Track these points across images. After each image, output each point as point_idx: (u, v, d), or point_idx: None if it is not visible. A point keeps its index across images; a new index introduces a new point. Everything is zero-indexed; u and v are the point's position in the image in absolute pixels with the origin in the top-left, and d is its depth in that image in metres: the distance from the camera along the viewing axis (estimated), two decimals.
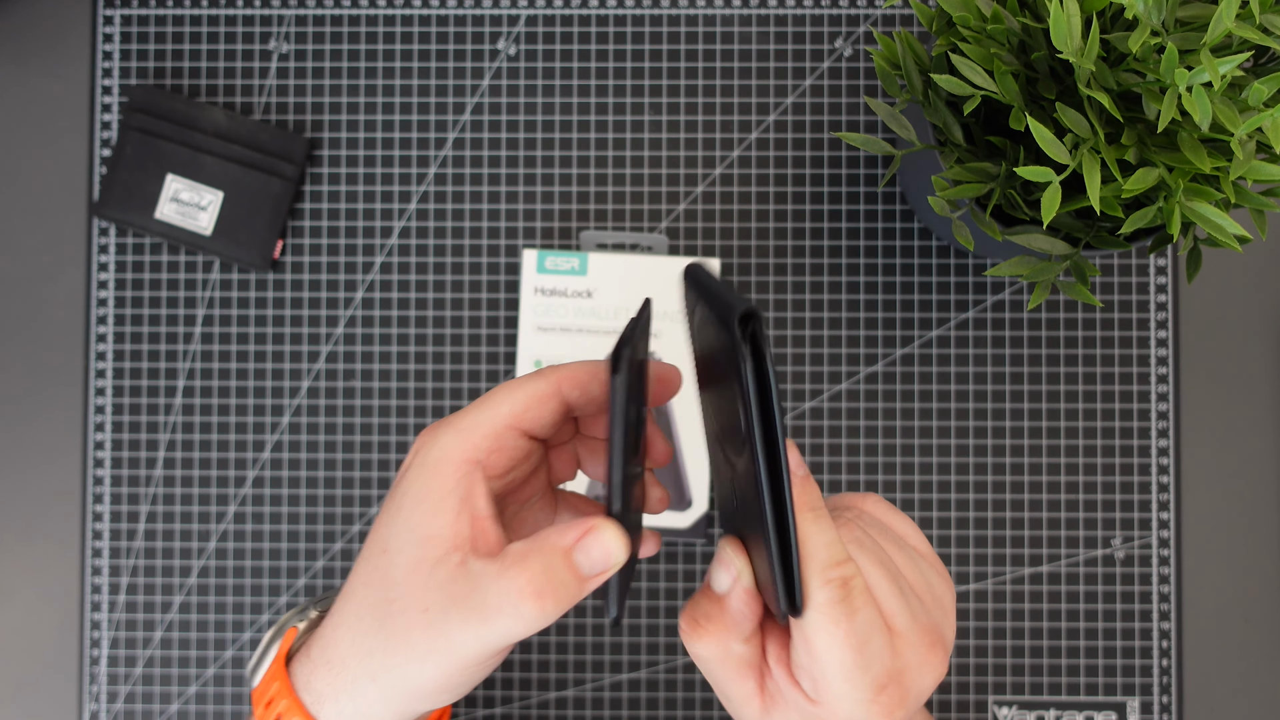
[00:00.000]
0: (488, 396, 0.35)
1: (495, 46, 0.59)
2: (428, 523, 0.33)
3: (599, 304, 0.56)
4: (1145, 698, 0.57)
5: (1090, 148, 0.40)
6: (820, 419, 0.58)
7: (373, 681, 0.34)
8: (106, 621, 0.57)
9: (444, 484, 0.34)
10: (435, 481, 0.34)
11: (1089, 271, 0.45)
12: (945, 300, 0.58)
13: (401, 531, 0.34)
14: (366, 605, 0.34)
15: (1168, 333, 0.58)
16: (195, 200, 0.57)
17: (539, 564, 0.32)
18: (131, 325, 0.58)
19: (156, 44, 0.59)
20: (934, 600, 0.35)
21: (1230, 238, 0.40)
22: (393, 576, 0.34)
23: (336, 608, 0.36)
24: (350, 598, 0.35)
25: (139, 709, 0.57)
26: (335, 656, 0.35)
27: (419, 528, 0.33)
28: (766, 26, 0.59)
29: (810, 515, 0.33)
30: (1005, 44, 0.41)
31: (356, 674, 0.34)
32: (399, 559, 0.34)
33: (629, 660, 0.57)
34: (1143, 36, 0.37)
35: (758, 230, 0.58)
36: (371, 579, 0.34)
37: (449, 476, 0.34)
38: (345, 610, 0.35)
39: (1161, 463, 0.58)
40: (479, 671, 0.35)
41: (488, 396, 0.35)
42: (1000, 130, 0.47)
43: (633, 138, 0.59)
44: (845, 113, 0.59)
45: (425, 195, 0.59)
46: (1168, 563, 0.58)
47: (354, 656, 0.34)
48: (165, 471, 0.58)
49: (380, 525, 0.35)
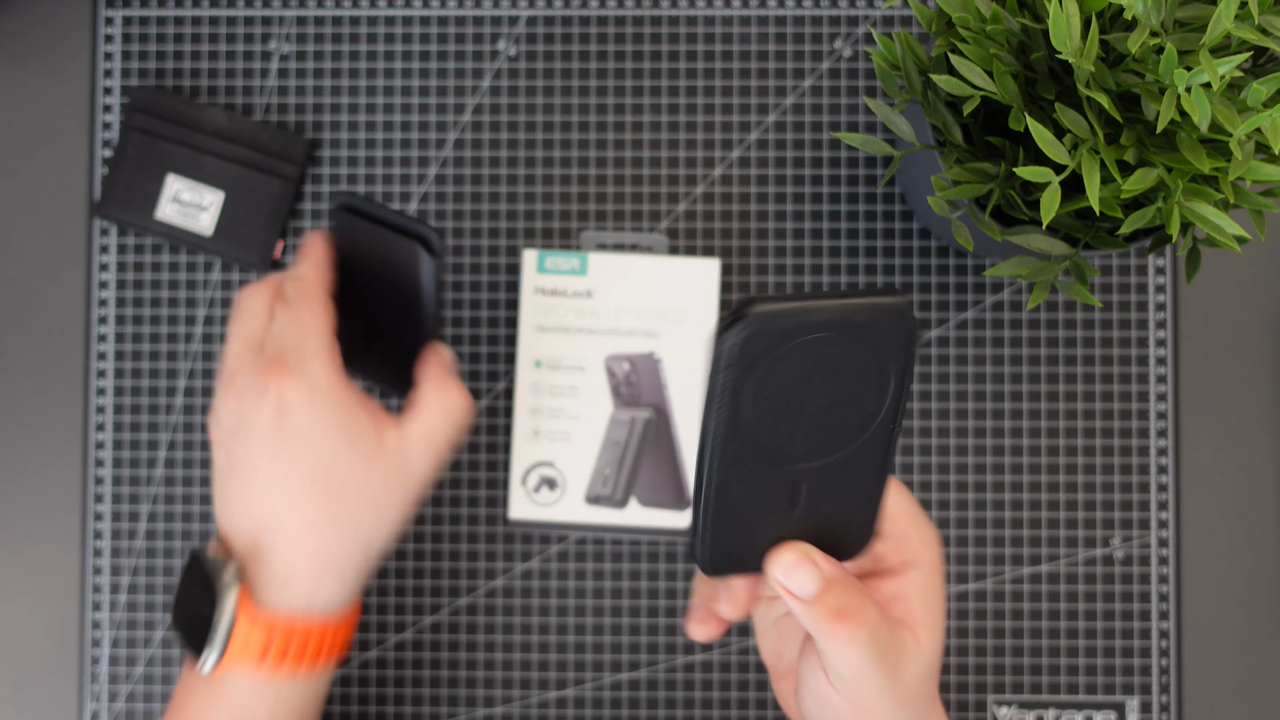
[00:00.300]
0: (302, 335, 0.42)
1: (495, 47, 0.59)
2: (358, 426, 0.42)
3: (599, 304, 0.56)
4: (1144, 697, 0.57)
5: (1089, 148, 0.40)
6: None
7: (335, 568, 0.42)
8: (107, 621, 0.57)
9: (342, 395, 0.42)
10: (331, 398, 0.42)
11: (1088, 272, 0.45)
12: (945, 300, 0.58)
13: (329, 441, 0.41)
14: (315, 514, 0.41)
15: (1167, 333, 0.58)
16: (196, 200, 0.57)
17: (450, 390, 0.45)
18: (132, 325, 0.58)
19: (157, 44, 0.59)
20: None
21: (1229, 238, 0.40)
22: (337, 475, 0.41)
23: (271, 544, 0.41)
24: (285, 524, 0.41)
25: (140, 709, 0.57)
26: (288, 575, 0.41)
27: (349, 430, 0.42)
28: (766, 27, 0.59)
29: (848, 626, 0.36)
30: (1004, 44, 0.41)
31: (315, 573, 0.41)
32: (342, 459, 0.41)
33: (629, 660, 0.57)
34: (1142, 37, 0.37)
35: (758, 230, 0.58)
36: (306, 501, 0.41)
37: (338, 384, 0.42)
38: (289, 538, 0.41)
39: (1161, 462, 0.58)
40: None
41: (302, 335, 0.42)
42: (999, 131, 0.47)
43: (633, 138, 0.59)
44: (845, 113, 0.59)
45: (425, 195, 0.59)
46: (1167, 562, 0.58)
47: (310, 563, 0.41)
48: (166, 471, 0.58)
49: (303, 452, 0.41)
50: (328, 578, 0.41)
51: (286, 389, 0.41)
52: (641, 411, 0.56)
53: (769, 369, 0.32)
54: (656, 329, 0.56)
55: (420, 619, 0.57)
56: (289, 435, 0.40)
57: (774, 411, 0.33)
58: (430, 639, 0.57)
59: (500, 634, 0.57)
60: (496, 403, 0.58)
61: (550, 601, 0.57)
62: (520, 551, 0.58)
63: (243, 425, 0.42)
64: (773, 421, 0.33)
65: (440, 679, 0.57)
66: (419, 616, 0.57)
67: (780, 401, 0.33)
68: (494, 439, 0.58)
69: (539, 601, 0.58)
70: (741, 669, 0.57)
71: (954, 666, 0.57)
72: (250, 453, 0.41)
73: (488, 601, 0.58)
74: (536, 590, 0.58)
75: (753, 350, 0.32)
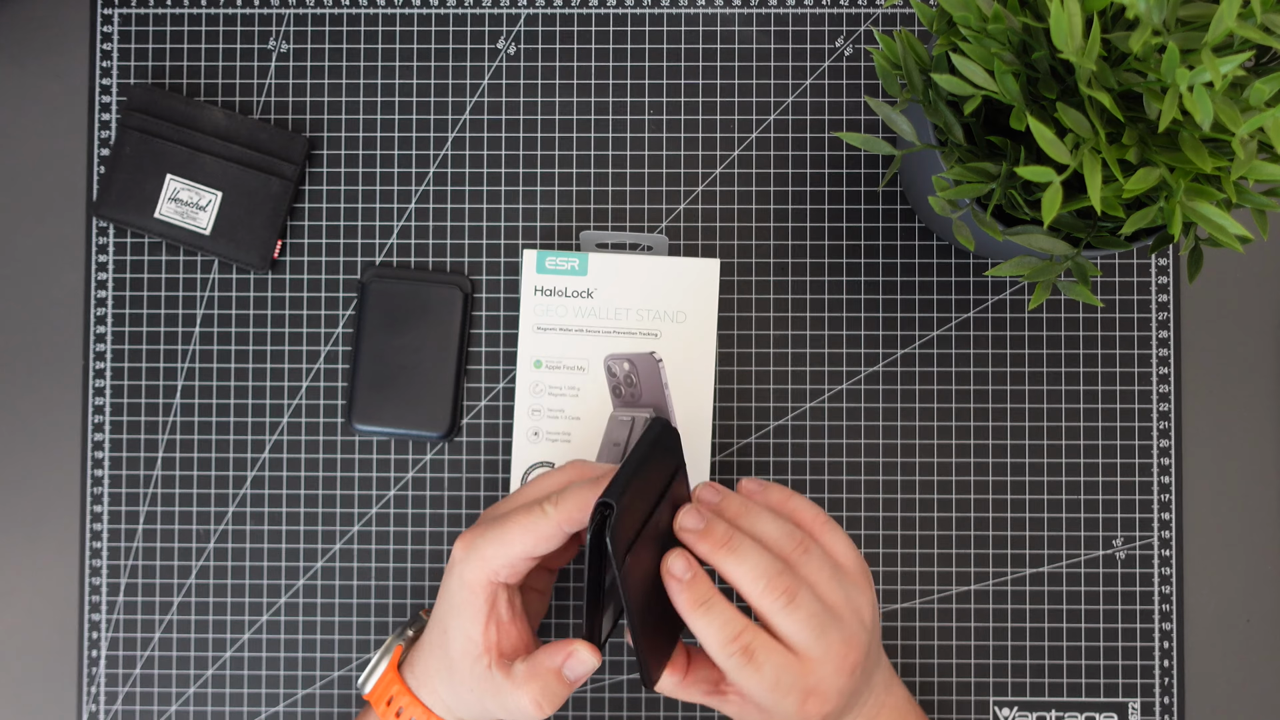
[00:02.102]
0: (505, 527, 0.46)
1: (495, 46, 0.59)
2: (467, 629, 0.47)
3: (599, 304, 0.56)
4: (1146, 698, 0.57)
5: (1091, 148, 0.40)
6: (820, 419, 0.58)
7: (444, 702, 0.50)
8: (105, 622, 0.57)
9: (474, 601, 0.47)
10: (468, 598, 0.47)
11: (1090, 272, 0.45)
12: (945, 300, 0.58)
13: (452, 628, 0.48)
14: (436, 664, 0.49)
15: (1169, 333, 0.58)
16: (194, 200, 0.57)
17: (538, 685, 0.46)
18: (130, 325, 0.58)
19: (156, 43, 0.59)
20: (851, 612, 0.46)
21: (1232, 238, 0.40)
22: (450, 657, 0.48)
23: (423, 654, 0.50)
24: (430, 653, 0.49)
25: (138, 710, 0.57)
26: (423, 676, 0.50)
27: (461, 631, 0.47)
28: (767, 26, 0.59)
29: (700, 611, 0.44)
30: (1006, 44, 0.41)
31: (437, 690, 0.49)
32: (453, 649, 0.48)
33: (629, 661, 0.57)
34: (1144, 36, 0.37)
35: (758, 230, 0.58)
36: (435, 652, 0.49)
37: (478, 596, 0.47)
38: (428, 659, 0.49)
39: (1163, 463, 0.58)
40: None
41: (505, 527, 0.46)
42: (1001, 130, 0.47)
43: (633, 137, 0.59)
44: (845, 112, 0.59)
45: (425, 195, 0.58)
46: (1169, 563, 0.57)
47: (435, 682, 0.49)
48: (164, 472, 0.58)
49: (439, 615, 0.49)
50: (421, 691, 0.50)
51: (453, 559, 0.48)
52: (641, 411, 0.56)
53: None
54: (656, 329, 0.56)
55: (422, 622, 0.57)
56: (441, 594, 0.49)
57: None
58: None
59: None
60: (496, 403, 0.58)
61: (550, 603, 0.57)
62: None
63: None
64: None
65: None
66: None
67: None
68: (494, 439, 0.58)
69: None
70: None
71: (955, 668, 0.57)
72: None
73: None
74: None
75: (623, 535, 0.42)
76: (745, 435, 0.58)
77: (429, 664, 0.49)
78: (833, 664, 0.45)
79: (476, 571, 0.47)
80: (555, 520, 0.46)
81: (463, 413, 0.58)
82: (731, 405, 0.58)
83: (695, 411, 0.56)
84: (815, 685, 0.44)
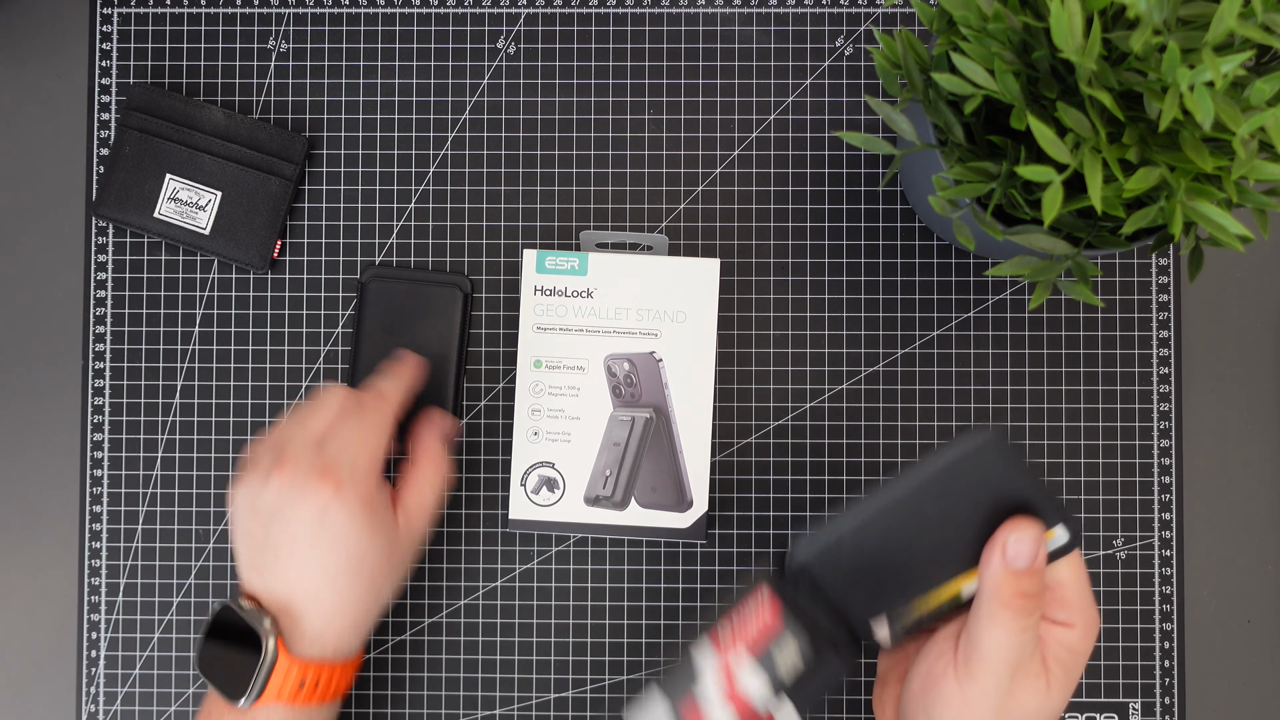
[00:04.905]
0: (359, 451, 0.49)
1: (495, 46, 0.59)
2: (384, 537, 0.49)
3: (599, 304, 0.56)
4: (1146, 699, 0.57)
5: (1091, 147, 0.40)
6: (821, 419, 0.58)
7: (358, 625, 0.50)
8: (105, 622, 0.57)
9: (377, 512, 0.49)
10: (372, 519, 0.49)
11: (1090, 271, 0.44)
12: (945, 300, 0.58)
13: (368, 556, 0.48)
14: (346, 591, 0.48)
15: (1169, 333, 0.58)
16: (194, 200, 0.57)
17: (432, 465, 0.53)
18: (130, 324, 0.58)
19: (155, 43, 0.59)
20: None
21: (1232, 237, 0.40)
22: (369, 568, 0.49)
23: (305, 610, 0.48)
24: (321, 597, 0.48)
25: (137, 710, 0.57)
26: (320, 633, 0.48)
27: (379, 546, 0.49)
28: (767, 26, 0.59)
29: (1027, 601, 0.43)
30: (1006, 43, 0.41)
31: (342, 630, 0.49)
32: (369, 564, 0.49)
33: (629, 661, 0.57)
34: (1144, 35, 0.37)
35: (758, 230, 0.58)
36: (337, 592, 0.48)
37: (377, 505, 0.49)
38: (323, 608, 0.48)
39: (1164, 463, 0.58)
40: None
41: (359, 451, 0.49)
42: (1001, 130, 0.47)
43: (633, 137, 0.59)
44: (846, 112, 0.59)
45: (424, 195, 0.58)
46: (1170, 564, 0.57)
47: (339, 624, 0.49)
48: (164, 472, 0.58)
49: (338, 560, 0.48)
50: (351, 632, 0.49)
51: (331, 497, 0.47)
52: (641, 411, 0.56)
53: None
54: (656, 329, 0.56)
55: (420, 620, 0.57)
56: (327, 533, 0.47)
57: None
58: (430, 640, 0.57)
59: (500, 635, 0.57)
60: (496, 403, 0.58)
61: (550, 602, 0.57)
62: (520, 552, 0.58)
63: (285, 510, 0.48)
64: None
65: (440, 680, 0.57)
66: (419, 618, 0.57)
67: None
68: (494, 439, 0.58)
69: (539, 602, 0.57)
70: None
71: None
72: (290, 536, 0.48)
73: (487, 602, 0.57)
74: (536, 591, 0.57)
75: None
76: (745, 435, 0.58)
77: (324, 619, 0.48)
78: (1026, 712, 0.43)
79: (364, 487, 0.48)
80: (389, 414, 0.51)
81: (463, 413, 0.58)
82: (731, 405, 0.58)
83: (695, 411, 0.56)
84: (1014, 709, 0.43)
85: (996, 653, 0.42)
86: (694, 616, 0.57)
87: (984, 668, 0.42)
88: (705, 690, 0.43)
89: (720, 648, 0.43)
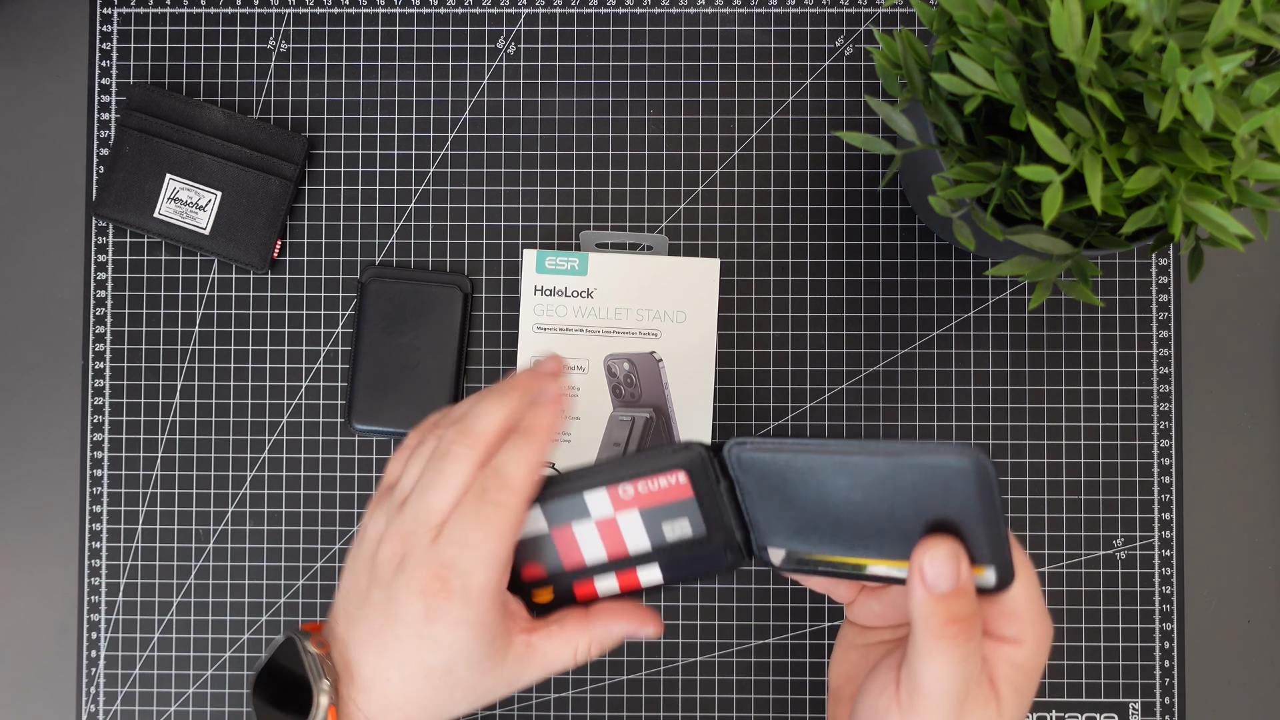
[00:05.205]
0: (478, 557, 0.41)
1: (495, 46, 0.59)
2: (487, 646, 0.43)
3: (599, 304, 0.56)
4: (1146, 699, 0.57)
5: (1091, 147, 0.40)
6: (821, 419, 0.58)
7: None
8: (105, 622, 0.57)
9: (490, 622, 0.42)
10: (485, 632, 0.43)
11: (1090, 271, 0.44)
12: (945, 300, 0.58)
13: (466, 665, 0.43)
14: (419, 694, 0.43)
15: (1169, 333, 0.58)
16: (194, 200, 0.57)
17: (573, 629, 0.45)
18: (130, 325, 0.58)
19: (155, 43, 0.59)
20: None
21: (1232, 237, 0.40)
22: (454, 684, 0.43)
23: (369, 685, 0.43)
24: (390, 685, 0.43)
25: (137, 710, 0.57)
26: (371, 714, 0.44)
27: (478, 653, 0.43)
28: (767, 26, 0.59)
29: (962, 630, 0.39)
30: (1006, 43, 0.41)
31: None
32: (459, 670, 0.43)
33: (629, 661, 0.57)
34: (1144, 35, 0.37)
35: (758, 230, 0.58)
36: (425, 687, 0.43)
37: (492, 618, 0.42)
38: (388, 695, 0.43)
39: (1164, 463, 0.58)
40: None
41: (478, 557, 0.41)
42: (1001, 130, 0.47)
43: (633, 137, 0.59)
44: (846, 112, 0.59)
45: (424, 195, 0.58)
46: (1170, 564, 0.57)
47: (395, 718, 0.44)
48: (164, 472, 0.58)
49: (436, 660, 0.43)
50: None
51: (441, 605, 0.42)
52: (641, 411, 0.56)
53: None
54: (656, 329, 0.56)
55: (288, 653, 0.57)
56: (429, 631, 0.42)
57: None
58: None
59: None
60: None
61: None
62: None
63: (392, 588, 0.43)
64: None
65: None
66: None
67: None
68: None
69: None
70: (742, 670, 0.57)
71: None
72: (388, 615, 0.43)
73: None
74: None
75: None
76: (745, 435, 0.58)
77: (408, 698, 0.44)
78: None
79: (477, 601, 0.42)
80: (521, 514, 0.43)
81: None
82: (731, 405, 0.58)
83: (695, 412, 0.56)
84: None
85: (938, 687, 0.38)
86: (694, 616, 0.57)
87: (927, 703, 0.39)
88: (585, 527, 0.43)
89: (616, 500, 0.42)
